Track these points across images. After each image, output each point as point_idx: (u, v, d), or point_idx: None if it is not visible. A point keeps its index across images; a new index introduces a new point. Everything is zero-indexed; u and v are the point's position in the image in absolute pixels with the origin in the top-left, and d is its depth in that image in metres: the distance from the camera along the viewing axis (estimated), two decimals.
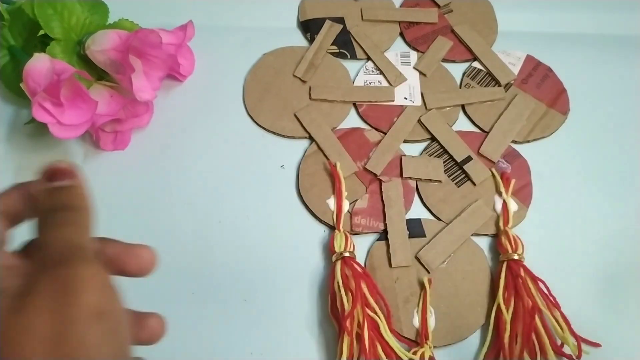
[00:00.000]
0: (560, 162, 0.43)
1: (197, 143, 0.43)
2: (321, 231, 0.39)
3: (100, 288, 0.19)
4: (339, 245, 0.37)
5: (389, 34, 0.49)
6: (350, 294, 0.34)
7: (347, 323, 0.34)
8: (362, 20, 0.50)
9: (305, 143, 0.43)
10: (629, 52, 0.49)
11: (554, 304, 0.35)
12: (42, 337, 0.18)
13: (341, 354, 0.33)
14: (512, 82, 0.46)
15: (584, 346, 0.34)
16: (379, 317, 0.34)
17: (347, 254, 0.36)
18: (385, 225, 0.39)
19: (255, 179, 0.41)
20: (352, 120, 0.44)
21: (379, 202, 0.40)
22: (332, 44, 0.48)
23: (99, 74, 0.41)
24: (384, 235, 0.39)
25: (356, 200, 0.40)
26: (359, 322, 0.34)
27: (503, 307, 0.35)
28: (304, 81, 0.46)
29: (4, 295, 0.19)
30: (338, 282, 0.35)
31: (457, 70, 0.47)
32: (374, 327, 0.34)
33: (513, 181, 0.41)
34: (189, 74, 0.46)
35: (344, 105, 0.45)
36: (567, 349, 0.34)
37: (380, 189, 0.41)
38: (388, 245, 0.38)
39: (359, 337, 0.33)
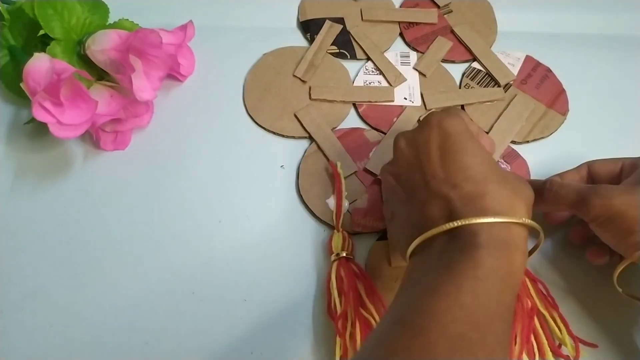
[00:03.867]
0: (560, 163, 0.43)
1: (197, 143, 0.43)
2: (321, 231, 0.39)
3: None
4: (336, 245, 0.37)
5: (388, 34, 0.49)
6: (343, 296, 0.35)
7: (339, 324, 0.34)
8: (362, 21, 0.50)
9: (305, 143, 0.43)
10: (629, 52, 0.49)
11: (552, 305, 0.36)
12: None
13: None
14: (512, 82, 0.46)
15: (582, 347, 0.34)
16: (374, 318, 0.34)
17: (344, 255, 0.36)
18: (384, 224, 0.39)
19: (255, 179, 0.41)
20: (352, 120, 0.44)
21: (379, 202, 0.40)
22: (332, 44, 0.48)
23: (99, 74, 0.41)
24: (384, 235, 0.39)
25: (356, 200, 0.40)
26: (352, 323, 0.34)
27: None
28: (304, 81, 0.46)
29: None
30: (332, 284, 0.35)
31: (456, 70, 0.47)
32: (369, 328, 0.34)
33: None
34: (189, 74, 0.46)
35: (344, 105, 0.45)
36: (564, 350, 0.34)
37: (380, 189, 0.41)
38: (387, 245, 0.38)
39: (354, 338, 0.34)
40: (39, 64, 0.36)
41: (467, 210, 0.27)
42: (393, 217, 0.33)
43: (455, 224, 0.27)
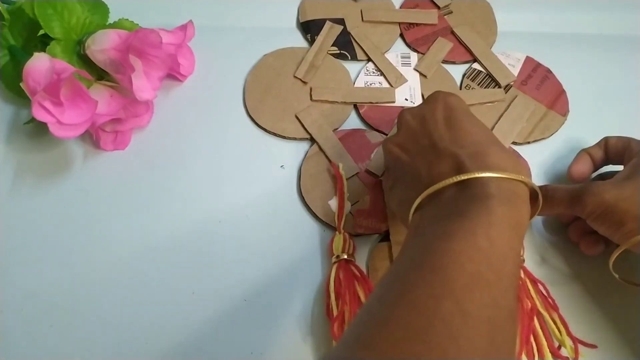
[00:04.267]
0: (561, 163, 0.43)
1: (197, 143, 0.43)
2: (322, 232, 0.39)
3: None
4: (337, 247, 0.37)
5: (389, 35, 0.49)
6: (340, 299, 0.35)
7: (335, 327, 0.34)
8: (362, 22, 0.50)
9: (305, 144, 0.43)
10: (629, 52, 0.49)
11: (552, 306, 0.36)
12: None
13: None
14: (512, 83, 0.46)
15: (581, 349, 0.34)
16: None
17: (344, 257, 0.36)
18: (387, 226, 0.39)
19: (255, 180, 0.41)
20: (353, 122, 0.44)
21: (381, 203, 0.40)
22: (332, 45, 0.48)
23: (99, 74, 0.41)
24: (386, 236, 0.39)
25: (358, 201, 0.40)
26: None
27: None
28: (304, 82, 0.46)
29: None
30: (330, 286, 0.35)
31: (457, 71, 0.47)
32: None
33: None
34: (189, 74, 0.46)
35: (345, 106, 0.45)
36: (564, 352, 0.34)
37: (382, 190, 0.41)
38: (390, 246, 0.38)
39: None
40: (39, 64, 0.36)
41: (476, 165, 0.28)
42: (394, 185, 0.34)
43: (466, 176, 0.28)
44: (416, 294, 0.24)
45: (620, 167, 0.39)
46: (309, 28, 0.49)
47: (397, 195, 0.34)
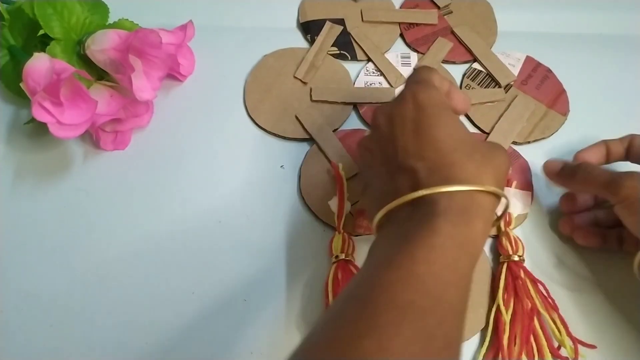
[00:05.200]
0: None
1: (197, 143, 0.43)
2: (322, 232, 0.39)
3: None
4: (336, 247, 0.37)
5: (389, 35, 0.49)
6: None
7: None
8: (362, 22, 0.50)
9: (305, 145, 0.43)
10: (629, 52, 0.49)
11: (552, 306, 0.36)
12: None
13: None
14: (512, 83, 0.46)
15: (581, 349, 0.34)
16: None
17: (343, 257, 0.36)
18: None
19: (255, 180, 0.41)
20: (353, 122, 0.44)
21: None
22: (332, 46, 0.48)
23: (99, 74, 0.41)
24: None
25: (358, 201, 0.40)
26: None
27: (502, 308, 0.35)
28: (304, 82, 0.46)
29: None
30: (328, 287, 0.35)
31: (457, 71, 0.47)
32: None
33: (514, 182, 0.41)
34: (189, 74, 0.46)
35: (345, 106, 0.45)
36: (563, 352, 0.34)
37: None
38: None
39: None
40: (39, 64, 0.36)
41: (431, 180, 0.27)
42: (365, 189, 0.33)
43: (417, 194, 0.27)
44: (340, 334, 0.23)
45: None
46: (309, 28, 0.49)
47: (367, 201, 0.33)
